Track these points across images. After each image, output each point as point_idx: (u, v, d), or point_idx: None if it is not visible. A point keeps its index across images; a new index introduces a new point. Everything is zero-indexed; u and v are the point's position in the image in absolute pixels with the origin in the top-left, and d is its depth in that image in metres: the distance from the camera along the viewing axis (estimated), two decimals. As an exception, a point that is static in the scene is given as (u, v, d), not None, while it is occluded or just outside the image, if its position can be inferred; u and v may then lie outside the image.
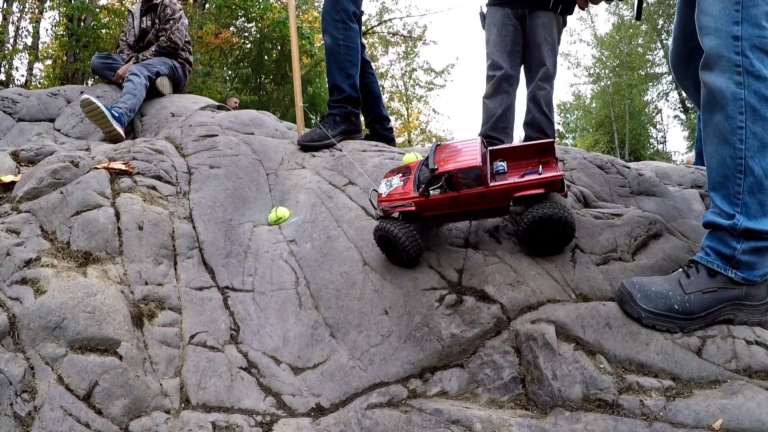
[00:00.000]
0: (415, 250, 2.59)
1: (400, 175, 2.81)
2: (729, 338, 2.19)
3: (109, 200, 3.01)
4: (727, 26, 2.24)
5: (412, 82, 31.57)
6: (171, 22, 6.55)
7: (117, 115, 5.24)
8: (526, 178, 2.45)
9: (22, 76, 21.87)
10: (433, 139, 30.17)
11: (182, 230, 3.03)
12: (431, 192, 2.56)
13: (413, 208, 2.63)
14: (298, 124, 4.33)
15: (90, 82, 17.30)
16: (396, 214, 2.69)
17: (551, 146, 2.56)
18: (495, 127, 4.82)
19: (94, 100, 5.10)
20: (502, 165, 2.63)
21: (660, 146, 36.86)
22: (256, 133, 4.49)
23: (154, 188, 3.30)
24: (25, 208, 2.99)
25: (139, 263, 2.75)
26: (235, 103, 13.13)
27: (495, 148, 2.76)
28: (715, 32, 2.26)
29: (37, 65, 22.57)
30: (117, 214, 2.92)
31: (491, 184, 2.46)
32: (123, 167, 3.36)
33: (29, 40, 21.47)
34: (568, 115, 39.72)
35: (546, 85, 4.83)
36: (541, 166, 2.53)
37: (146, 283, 2.67)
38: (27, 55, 21.32)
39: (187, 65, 6.90)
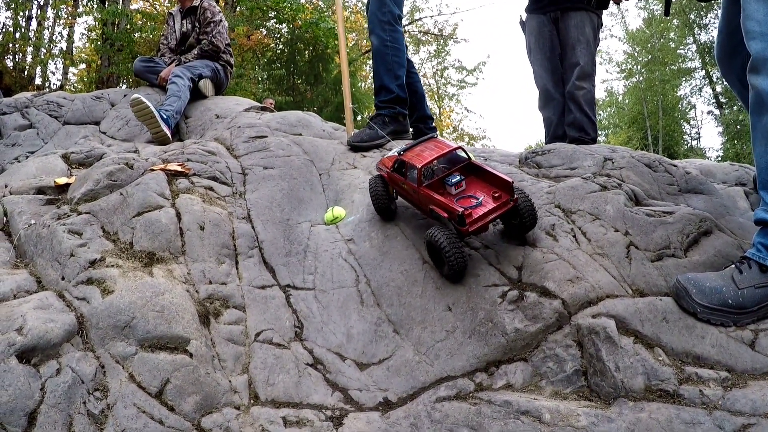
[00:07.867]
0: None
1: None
2: (780, 331, 2.23)
3: (169, 201, 3.07)
4: None
5: (443, 80, 31.54)
6: (212, 25, 6.62)
7: (165, 117, 5.31)
8: (453, 199, 2.62)
9: (58, 80, 22.10)
10: (465, 137, 30.23)
11: (242, 230, 3.09)
12: (397, 171, 2.93)
13: (385, 175, 2.99)
14: (348, 124, 4.37)
15: (124, 86, 17.49)
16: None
17: (509, 186, 2.59)
18: (555, 135, 4.90)
19: (144, 99, 5.17)
20: (457, 177, 2.72)
21: (694, 143, 36.33)
22: (304, 133, 4.55)
23: (211, 189, 3.36)
24: (85, 210, 3.02)
25: (203, 263, 2.80)
26: (271, 103, 13.18)
27: (477, 163, 2.81)
28: (761, 36, 2.30)
29: (72, 69, 22.81)
30: (178, 215, 2.97)
31: (422, 188, 2.70)
32: (179, 168, 3.42)
33: (63, 45, 21.73)
34: (601, 112, 39.08)
35: (584, 83, 4.84)
36: (484, 196, 2.63)
37: (210, 282, 2.72)
38: (62, 60, 21.53)
39: (229, 67, 6.97)
